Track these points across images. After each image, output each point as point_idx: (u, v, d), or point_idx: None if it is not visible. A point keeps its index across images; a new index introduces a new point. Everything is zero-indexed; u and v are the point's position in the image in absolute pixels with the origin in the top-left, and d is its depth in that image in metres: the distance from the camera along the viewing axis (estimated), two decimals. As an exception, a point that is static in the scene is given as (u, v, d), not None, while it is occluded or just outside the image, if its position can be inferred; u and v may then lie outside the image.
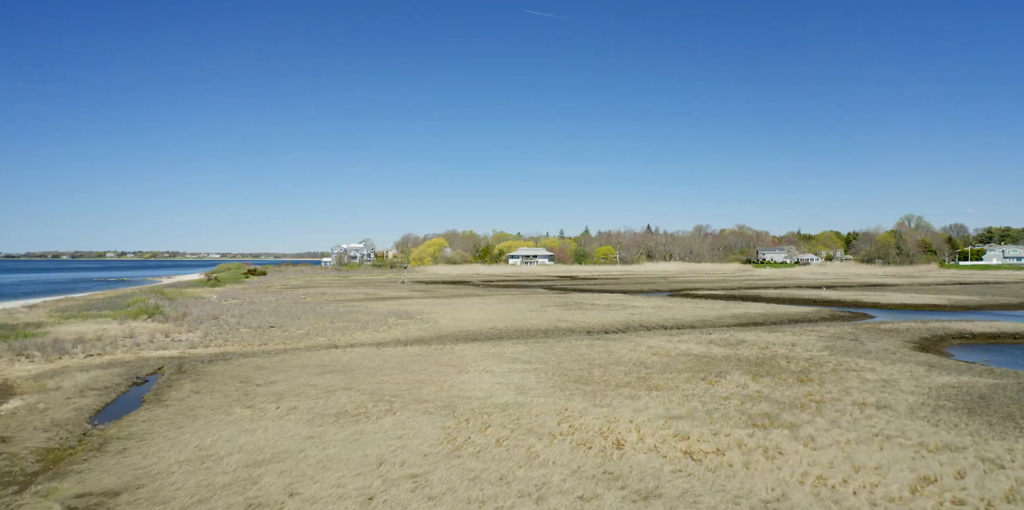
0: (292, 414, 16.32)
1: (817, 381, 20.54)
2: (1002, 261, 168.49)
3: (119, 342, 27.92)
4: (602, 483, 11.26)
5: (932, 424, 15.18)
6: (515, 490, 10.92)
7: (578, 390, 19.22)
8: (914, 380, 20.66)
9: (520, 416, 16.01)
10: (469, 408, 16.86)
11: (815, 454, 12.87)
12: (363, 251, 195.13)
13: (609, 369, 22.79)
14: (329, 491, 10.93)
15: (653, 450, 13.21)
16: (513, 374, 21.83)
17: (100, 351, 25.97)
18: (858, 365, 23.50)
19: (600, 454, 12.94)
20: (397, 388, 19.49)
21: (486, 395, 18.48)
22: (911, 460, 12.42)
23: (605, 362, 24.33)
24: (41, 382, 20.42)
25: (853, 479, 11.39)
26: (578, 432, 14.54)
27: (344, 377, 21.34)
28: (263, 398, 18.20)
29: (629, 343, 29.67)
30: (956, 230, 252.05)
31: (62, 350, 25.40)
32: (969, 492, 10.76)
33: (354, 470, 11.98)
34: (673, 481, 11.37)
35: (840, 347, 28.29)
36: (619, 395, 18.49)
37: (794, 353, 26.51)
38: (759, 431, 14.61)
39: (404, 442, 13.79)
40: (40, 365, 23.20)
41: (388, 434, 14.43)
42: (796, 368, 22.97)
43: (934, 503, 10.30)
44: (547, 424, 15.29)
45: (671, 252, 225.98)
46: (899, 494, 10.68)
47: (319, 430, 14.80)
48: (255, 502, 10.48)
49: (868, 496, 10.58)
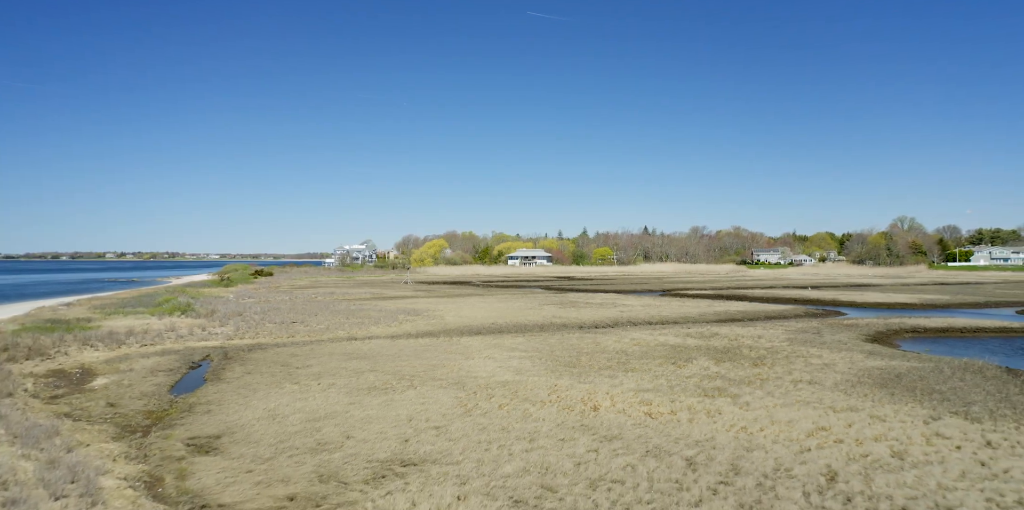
0: (332, 388, 20.07)
1: (768, 365, 24.33)
2: (989, 262, 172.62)
3: (164, 334, 31.67)
4: (578, 431, 15.03)
5: (846, 394, 18.97)
6: (513, 436, 14.67)
7: (566, 372, 22.99)
8: (850, 364, 24.46)
9: (517, 390, 19.77)
10: (476, 384, 20.61)
11: (745, 413, 16.65)
12: (365, 252, 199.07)
13: (594, 356, 26.56)
14: (375, 435, 14.69)
15: (621, 412, 16.98)
16: (512, 360, 25.59)
17: (151, 342, 29.71)
18: (809, 353, 27.29)
19: (579, 414, 16.71)
20: (415, 370, 23.25)
21: (489, 375, 22.24)
22: (816, 417, 16.20)
23: (592, 351, 28.09)
24: (114, 365, 24.17)
25: (767, 428, 15.17)
26: (563, 400, 18.30)
27: (368, 362, 25.09)
28: (305, 377, 21.95)
29: (615, 336, 33.45)
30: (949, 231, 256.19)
31: (119, 341, 29.12)
32: (849, 435, 14.53)
33: (391, 424, 15.74)
34: (633, 430, 15.14)
35: (800, 339, 32.08)
36: (600, 375, 22.27)
37: (758, 343, 30.28)
38: (707, 399, 18.39)
39: (426, 406, 17.54)
40: (105, 353, 26.93)
41: (413, 401, 18.19)
42: (755, 355, 26.75)
43: (820, 441, 14.08)
44: (539, 395, 19.05)
45: (667, 253, 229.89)
46: (796, 437, 14.45)
47: (357, 399, 18.55)
48: (321, 441, 14.25)
49: (773, 438, 14.36)
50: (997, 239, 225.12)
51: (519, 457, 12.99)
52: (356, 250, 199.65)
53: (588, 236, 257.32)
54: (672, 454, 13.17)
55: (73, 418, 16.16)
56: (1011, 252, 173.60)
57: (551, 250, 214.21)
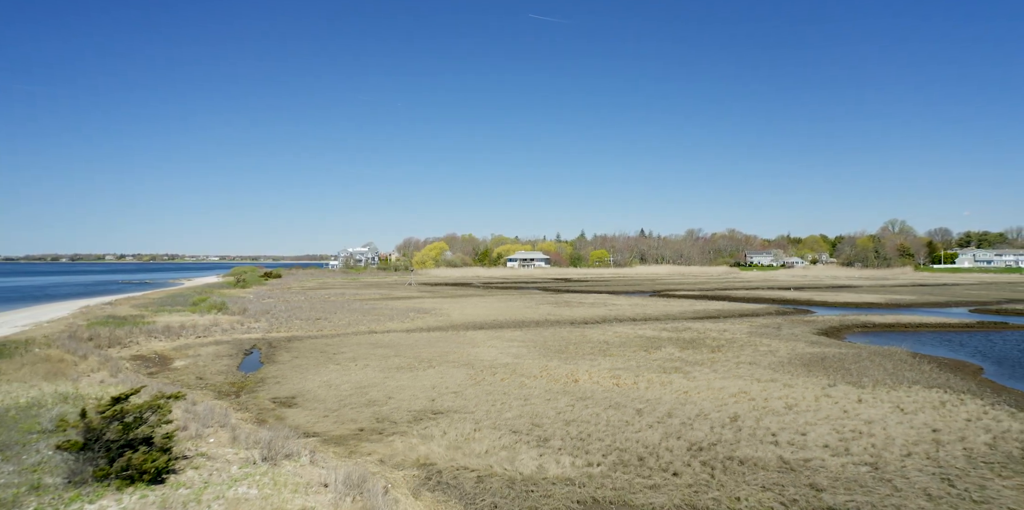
0: (368, 368, 25.13)
1: (723, 351, 29.41)
2: (973, 264, 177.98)
3: (211, 329, 36.70)
4: (561, 394, 20.10)
5: (773, 371, 24.08)
6: (512, 397, 19.72)
7: (555, 356, 28.07)
8: (790, 351, 29.55)
9: (515, 368, 24.84)
10: (482, 365, 25.67)
11: (690, 383, 21.73)
12: (368, 254, 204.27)
13: (580, 345, 31.63)
14: (409, 396, 19.75)
15: (595, 383, 22.05)
16: (511, 348, 30.65)
17: (202, 334, 34.74)
18: (761, 343, 32.37)
19: (563, 384, 21.78)
20: (431, 355, 28.31)
21: (493, 359, 27.31)
22: (742, 385, 21.29)
23: (578, 341, 33.17)
24: (181, 352, 29.22)
25: (702, 392, 20.25)
26: (551, 375, 23.37)
27: (391, 350, 30.14)
28: (343, 360, 27.00)
29: (600, 330, 38.54)
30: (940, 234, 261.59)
31: (176, 333, 34.15)
32: (760, 396, 19.61)
33: (419, 390, 20.80)
34: (602, 394, 20.21)
35: (760, 332, 37.18)
36: (583, 359, 27.35)
37: (722, 336, 35.36)
38: (664, 375, 23.47)
39: (445, 379, 22.61)
40: (169, 343, 31.97)
41: (433, 376, 23.25)
42: (715, 344, 31.84)
43: (736, 399, 19.14)
44: (532, 372, 24.12)
45: (663, 255, 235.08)
46: (721, 397, 19.53)
47: (389, 375, 23.61)
48: (371, 399, 19.30)
49: (703, 398, 19.44)
50: (985, 242, 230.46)
51: (516, 408, 18.08)
52: (359, 252, 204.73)
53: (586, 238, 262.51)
54: (626, 407, 18.26)
55: (177, 387, 21.21)
56: (994, 255, 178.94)
57: (549, 252, 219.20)
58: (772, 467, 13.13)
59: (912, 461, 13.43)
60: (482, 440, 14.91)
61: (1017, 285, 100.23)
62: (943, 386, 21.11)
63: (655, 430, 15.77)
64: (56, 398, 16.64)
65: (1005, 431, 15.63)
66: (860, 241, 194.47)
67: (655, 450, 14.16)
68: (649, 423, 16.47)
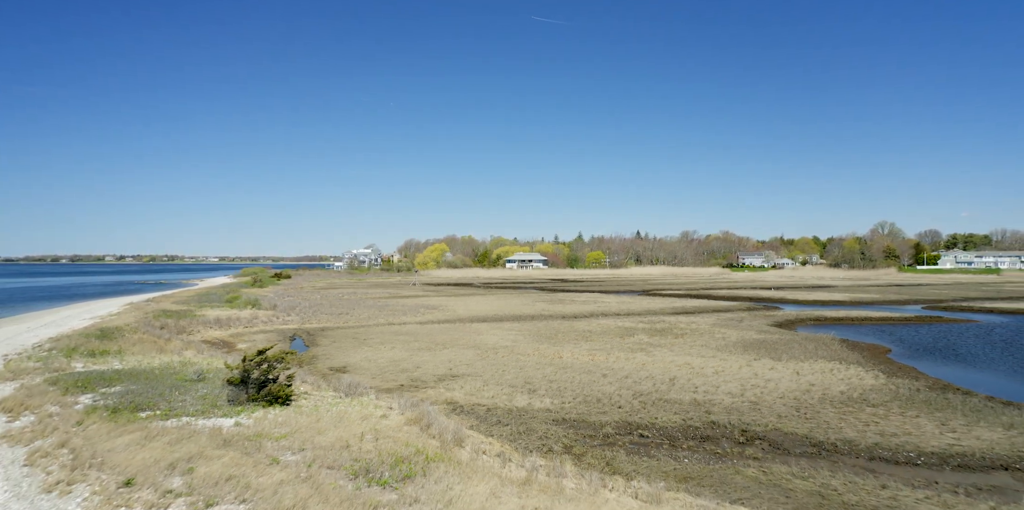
0: (395, 349, 31.38)
1: (685, 337, 35.70)
2: (954, 265, 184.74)
3: (253, 321, 42.92)
4: (548, 365, 26.37)
5: (718, 350, 30.38)
6: (510, 366, 25.99)
7: (546, 341, 34.34)
8: (740, 337, 35.83)
9: (513, 349, 31.11)
10: (486, 347, 31.92)
11: (649, 358, 28.02)
12: (371, 256, 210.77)
13: (567, 334, 37.91)
14: (432, 367, 26.03)
15: (575, 358, 28.33)
16: (509, 335, 36.92)
17: (248, 325, 40.96)
18: (718, 332, 38.67)
19: (550, 359, 28.05)
20: (444, 340, 34.57)
21: (494, 343, 33.57)
22: (688, 360, 27.58)
23: (566, 331, 39.44)
24: (239, 338, 35.43)
25: (656, 364, 26.53)
26: (541, 354, 29.64)
27: (411, 337, 36.39)
28: (373, 344, 33.25)
29: (586, 322, 44.83)
30: (930, 236, 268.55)
31: (226, 324, 40.36)
32: (698, 365, 25.90)
33: (439, 363, 27.06)
34: (579, 365, 26.48)
35: (722, 324, 43.47)
36: (568, 343, 33.63)
37: (689, 327, 41.63)
38: (631, 353, 29.76)
39: (457, 356, 28.87)
40: (223, 331, 38.18)
41: (448, 354, 29.51)
42: (679, 332, 38.13)
43: (680, 368, 25.42)
44: (526, 352, 30.38)
45: (657, 257, 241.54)
46: (668, 367, 25.81)
47: (414, 353, 29.86)
48: (404, 368, 25.57)
49: (655, 367, 25.73)
50: (970, 244, 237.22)
51: (513, 373, 24.37)
52: (363, 254, 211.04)
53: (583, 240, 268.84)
54: (595, 372, 24.56)
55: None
56: (974, 256, 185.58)
57: (547, 254, 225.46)
58: (686, 403, 19.42)
59: (782, 400, 19.73)
60: (488, 390, 21.20)
61: (985, 285, 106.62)
62: (841, 360, 27.45)
63: (612, 385, 22.06)
64: (178, 363, 22.88)
65: (860, 386, 21.96)
66: (846, 243, 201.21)
67: (609, 395, 20.45)
68: (610, 381, 22.76)
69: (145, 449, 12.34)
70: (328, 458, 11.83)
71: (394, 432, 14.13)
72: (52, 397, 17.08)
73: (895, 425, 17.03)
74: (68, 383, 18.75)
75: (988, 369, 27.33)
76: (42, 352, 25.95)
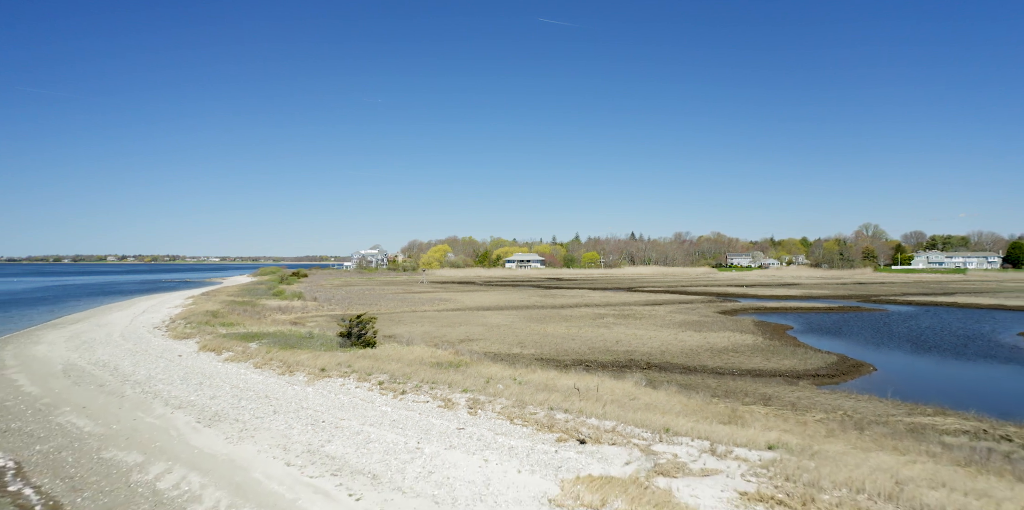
0: (424, 326, 42.67)
1: (642, 319, 46.99)
2: (926, 265, 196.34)
3: (306, 308, 54.17)
4: (535, 335, 37.74)
5: (659, 326, 41.71)
6: (508, 335, 37.35)
7: (535, 322, 45.66)
8: (683, 319, 47.13)
9: (511, 326, 42.44)
10: (491, 325, 43.24)
11: (607, 331, 39.36)
12: (377, 256, 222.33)
13: (553, 317, 49.23)
14: (453, 335, 37.42)
15: (556, 331, 39.68)
16: (508, 318, 48.25)
17: (303, 312, 52.21)
18: (670, 316, 49.94)
19: (537, 331, 39.40)
20: (459, 321, 45.88)
21: (497, 322, 44.90)
22: (635, 332, 38.94)
23: (553, 316, 50.77)
24: (302, 321, 46.69)
25: (611, 334, 37.89)
26: (532, 329, 40.97)
27: (433, 319, 47.70)
28: (407, 323, 44.54)
29: (570, 310, 56.18)
30: (915, 237, 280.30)
31: (286, 311, 51.61)
32: (639, 335, 37.25)
33: (458, 334, 38.43)
34: (558, 334, 37.83)
35: (677, 311, 54.79)
36: (552, 323, 44.96)
37: (649, 313, 52.94)
38: (596, 328, 41.09)
39: (471, 330, 40.22)
40: (287, 316, 49.42)
41: (464, 329, 40.86)
42: (639, 316, 49.45)
43: (626, 335, 36.77)
44: (521, 327, 41.71)
45: (650, 257, 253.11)
46: (618, 335, 37.17)
47: (438, 328, 41.18)
48: (433, 336, 36.95)
49: (610, 335, 37.08)
50: (948, 245, 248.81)
51: (510, 339, 35.74)
52: (370, 254, 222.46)
53: (580, 241, 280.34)
54: (568, 338, 35.93)
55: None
56: (945, 257, 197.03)
57: (544, 254, 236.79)
58: (620, 352, 30.76)
59: (681, 351, 31.06)
60: (494, 346, 32.56)
61: (940, 283, 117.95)
62: (743, 332, 38.78)
63: (577, 344, 33.43)
64: (288, 330, 34.15)
65: (739, 344, 33.32)
66: (826, 244, 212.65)
67: (574, 349, 31.80)
68: (576, 343, 34.11)
69: (318, 360, 23.71)
70: (415, 362, 23.21)
71: (442, 356, 25.50)
72: (235, 343, 28.47)
73: (739, 360, 28.39)
74: (235, 337, 30.14)
75: (841, 338, 38.61)
76: (178, 325, 37.25)
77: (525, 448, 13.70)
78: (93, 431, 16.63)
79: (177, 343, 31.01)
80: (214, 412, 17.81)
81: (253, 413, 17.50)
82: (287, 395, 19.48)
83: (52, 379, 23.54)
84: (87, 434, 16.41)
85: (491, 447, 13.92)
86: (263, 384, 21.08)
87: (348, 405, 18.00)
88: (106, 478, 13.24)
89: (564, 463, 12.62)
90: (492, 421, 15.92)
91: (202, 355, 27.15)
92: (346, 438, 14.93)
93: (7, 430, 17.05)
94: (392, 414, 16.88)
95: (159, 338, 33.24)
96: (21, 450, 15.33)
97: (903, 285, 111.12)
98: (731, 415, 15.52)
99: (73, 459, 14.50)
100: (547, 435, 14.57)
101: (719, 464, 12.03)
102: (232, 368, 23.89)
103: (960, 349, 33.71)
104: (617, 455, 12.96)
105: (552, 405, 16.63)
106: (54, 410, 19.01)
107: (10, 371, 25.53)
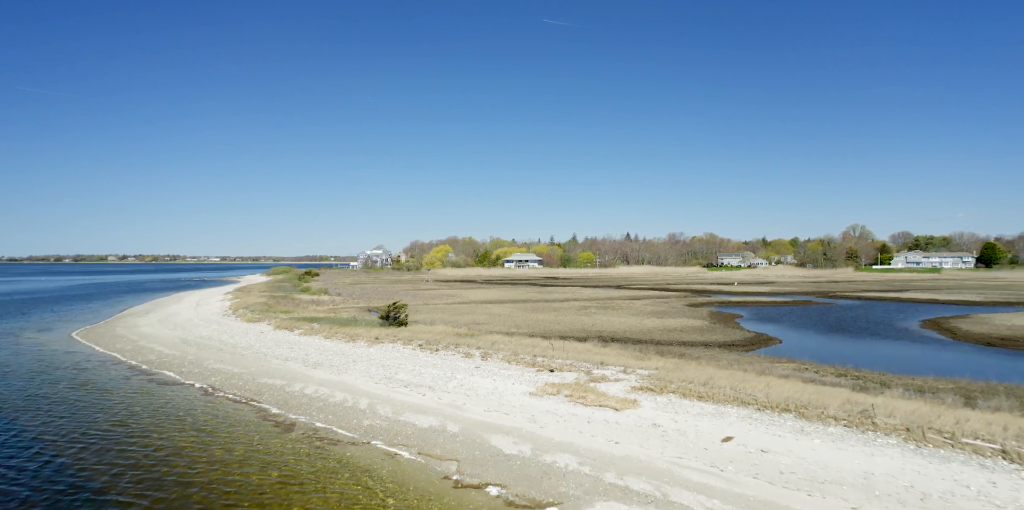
0: (438, 314, 51.98)
1: (619, 309, 56.30)
2: (905, 265, 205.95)
3: (334, 301, 63.41)
4: (528, 321, 47.09)
5: (631, 315, 51.06)
6: (507, 321, 46.68)
7: (530, 312, 54.98)
8: (652, 310, 56.44)
9: (509, 315, 51.76)
10: (493, 314, 52.56)
11: (587, 318, 48.71)
12: (382, 256, 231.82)
13: (545, 308, 58.56)
14: (463, 321, 46.76)
15: (546, 318, 49.04)
16: (507, 309, 57.56)
17: (333, 304, 61.45)
18: (643, 307, 59.26)
19: (532, 319, 48.73)
20: (466, 311, 55.20)
21: (498, 312, 54.22)
22: (608, 318, 48.29)
23: (545, 308, 60.09)
24: (335, 311, 55.93)
25: (590, 320, 47.23)
26: (526, 317, 50.30)
27: (444, 310, 57.01)
28: (424, 312, 53.83)
29: (560, 303, 65.54)
30: (902, 237, 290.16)
31: (318, 304, 60.83)
32: (615, 321, 46.60)
33: (467, 319, 47.76)
34: (547, 320, 47.19)
35: (652, 304, 64.11)
36: (544, 312, 54.29)
37: (627, 305, 62.24)
38: (579, 316, 50.43)
39: (477, 317, 49.55)
40: (320, 307, 58.64)
41: (471, 317, 50.18)
42: (618, 307, 58.77)
43: (605, 321, 46.10)
44: (519, 316, 51.03)
45: (644, 257, 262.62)
46: (595, 321, 46.52)
47: (451, 316, 50.50)
48: (448, 320, 46.27)
49: (588, 321, 46.43)
50: (931, 245, 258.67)
51: (509, 323, 45.09)
52: (375, 254, 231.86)
53: (577, 241, 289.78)
54: (554, 322, 45.30)
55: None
56: (922, 257, 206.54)
57: (542, 254, 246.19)
58: (592, 331, 40.07)
59: (640, 330, 40.38)
60: (495, 328, 41.86)
61: (908, 281, 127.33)
62: (697, 318, 48.09)
63: (561, 326, 42.76)
64: (332, 316, 43.39)
65: (688, 326, 42.66)
66: (810, 245, 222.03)
67: (558, 329, 41.12)
68: (561, 325, 43.41)
69: (371, 332, 33.00)
70: (440, 334, 32.54)
71: (459, 331, 34.79)
72: (301, 323, 37.76)
73: (682, 336, 37.70)
74: (297, 319, 39.42)
75: (776, 323, 47.86)
76: (242, 313, 46.48)
77: (517, 374, 23.01)
78: (240, 372, 25.92)
79: (252, 325, 40.22)
80: (314, 361, 27.12)
81: (340, 362, 26.80)
82: (357, 353, 28.77)
83: (181, 346, 32.85)
84: (237, 373, 25.70)
85: (497, 375, 23.20)
86: (337, 348, 30.34)
87: (401, 357, 27.30)
88: (269, 391, 22.57)
89: (539, 379, 21.93)
90: (497, 363, 25.22)
91: (279, 332, 36.39)
92: (407, 372, 24.24)
93: (185, 372, 26.39)
94: (432, 360, 26.18)
95: (235, 322, 42.47)
96: (205, 379, 24.68)
97: (871, 283, 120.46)
98: (643, 357, 24.84)
99: (242, 383, 23.83)
100: (531, 369, 23.86)
101: (626, 376, 21.36)
102: (308, 339, 33.14)
103: (860, 332, 43.03)
104: (570, 375, 22.29)
105: (535, 354, 25.94)
106: (203, 362, 28.32)
107: (142, 342, 34.84)
